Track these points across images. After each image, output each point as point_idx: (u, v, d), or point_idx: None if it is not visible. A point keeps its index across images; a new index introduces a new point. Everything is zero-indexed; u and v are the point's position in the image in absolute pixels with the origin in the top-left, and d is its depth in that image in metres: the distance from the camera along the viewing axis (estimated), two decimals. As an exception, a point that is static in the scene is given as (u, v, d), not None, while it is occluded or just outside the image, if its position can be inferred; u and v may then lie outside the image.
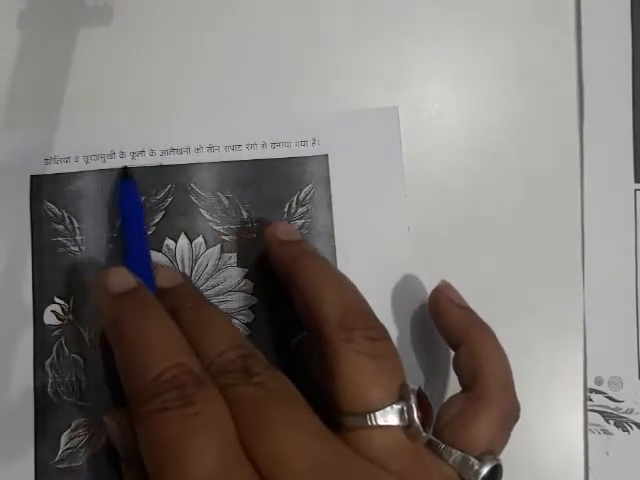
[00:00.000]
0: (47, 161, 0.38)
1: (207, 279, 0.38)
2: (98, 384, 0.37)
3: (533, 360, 0.38)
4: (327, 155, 0.39)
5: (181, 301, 0.33)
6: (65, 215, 0.38)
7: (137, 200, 0.37)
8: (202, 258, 0.38)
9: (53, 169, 0.38)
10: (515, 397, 0.32)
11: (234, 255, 0.38)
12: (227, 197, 0.39)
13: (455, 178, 0.40)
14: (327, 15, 0.40)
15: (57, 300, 0.38)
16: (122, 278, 0.32)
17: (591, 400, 0.38)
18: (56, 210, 0.38)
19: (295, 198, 0.39)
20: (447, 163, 0.40)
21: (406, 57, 0.40)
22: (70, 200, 0.38)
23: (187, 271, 0.38)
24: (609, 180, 0.39)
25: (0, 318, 0.37)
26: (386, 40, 0.40)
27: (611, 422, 0.38)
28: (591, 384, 0.38)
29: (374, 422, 0.28)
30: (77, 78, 0.39)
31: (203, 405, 0.27)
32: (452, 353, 0.37)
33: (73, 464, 0.37)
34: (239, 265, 0.38)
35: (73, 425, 0.37)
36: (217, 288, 0.38)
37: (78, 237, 0.38)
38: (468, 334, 0.34)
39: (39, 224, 0.38)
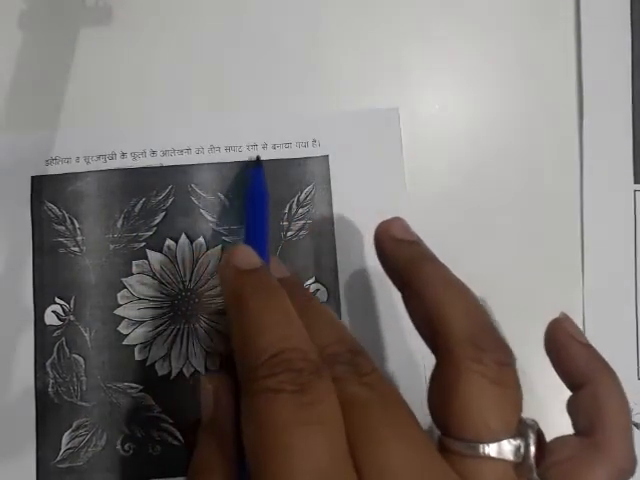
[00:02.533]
0: (48, 162, 0.38)
1: (208, 280, 0.38)
2: (99, 384, 0.37)
3: (533, 360, 0.38)
4: (327, 156, 0.39)
5: (290, 291, 0.31)
6: (66, 216, 0.38)
7: (265, 188, 0.37)
8: (203, 258, 0.38)
9: (54, 170, 0.38)
10: (634, 451, 0.30)
11: (235, 256, 0.38)
12: (228, 198, 0.39)
13: (455, 178, 0.40)
14: (327, 16, 0.40)
15: (58, 300, 0.38)
16: (249, 256, 0.31)
17: None
18: (57, 211, 0.38)
19: (296, 199, 0.39)
20: (447, 164, 0.40)
21: (406, 57, 0.40)
22: (71, 201, 0.38)
23: (188, 272, 0.38)
24: (609, 181, 0.39)
25: (1, 318, 0.38)
26: (386, 40, 0.40)
27: None
28: None
29: (486, 453, 0.27)
30: (77, 78, 0.39)
31: (319, 397, 0.26)
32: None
33: (74, 464, 0.37)
34: (240, 266, 0.38)
35: (74, 425, 0.37)
36: (218, 289, 0.38)
37: (79, 238, 0.38)
38: (592, 377, 0.31)
39: (40, 225, 0.38)
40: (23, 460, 0.37)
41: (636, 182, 0.39)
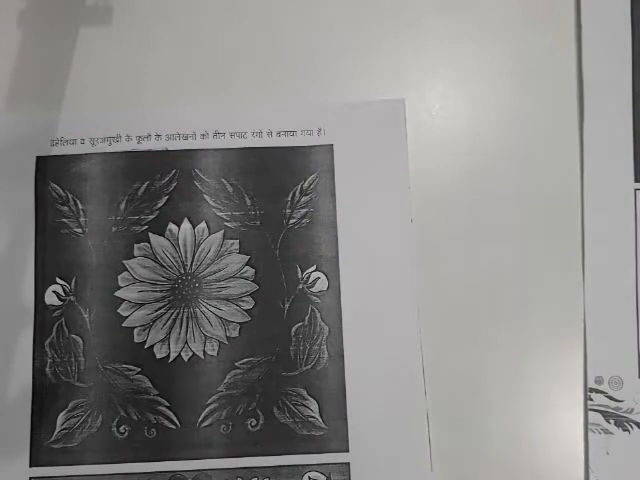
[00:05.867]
0: (53, 142, 0.39)
1: (209, 265, 0.38)
2: (97, 365, 0.37)
3: (533, 360, 0.38)
4: (332, 145, 0.39)
5: None
6: (69, 197, 0.38)
7: None
8: (204, 243, 0.38)
9: (59, 151, 0.39)
10: None
11: (236, 242, 0.38)
12: (231, 184, 0.39)
13: (455, 179, 0.40)
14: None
15: (59, 281, 0.38)
16: None
17: (591, 400, 0.38)
18: (61, 191, 0.38)
19: (299, 187, 0.39)
20: (448, 164, 0.40)
21: (407, 58, 0.40)
22: (75, 182, 0.38)
23: (189, 256, 0.38)
24: (609, 180, 0.39)
25: (1, 297, 0.37)
26: (387, 41, 0.40)
27: (611, 422, 0.38)
28: (591, 384, 0.38)
29: None
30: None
31: None
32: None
33: (68, 444, 0.37)
34: (241, 252, 0.38)
35: (70, 405, 0.37)
36: (218, 274, 0.38)
37: (82, 219, 0.38)
38: None
39: (43, 205, 0.38)
40: (17, 439, 0.37)
41: (637, 181, 0.39)
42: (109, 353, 0.37)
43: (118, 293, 0.38)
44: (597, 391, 0.38)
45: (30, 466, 0.36)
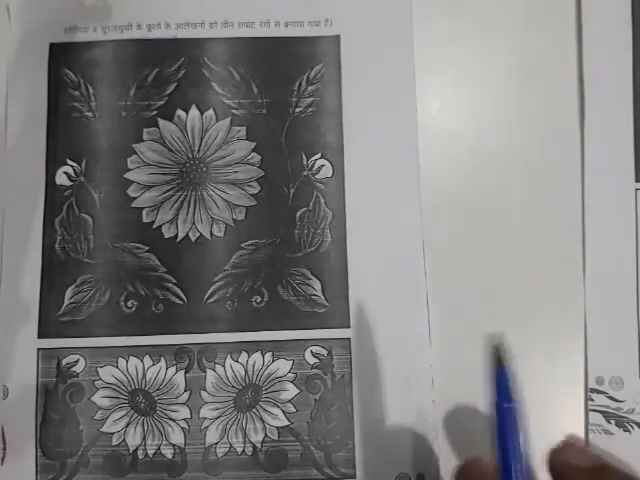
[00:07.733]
0: (67, 30, 0.40)
1: (216, 150, 0.39)
2: (105, 243, 0.38)
3: (534, 360, 0.38)
4: (339, 36, 0.40)
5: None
6: (81, 82, 0.39)
7: (511, 396, 0.30)
8: (212, 130, 0.39)
9: (72, 38, 0.39)
10: None
11: (243, 129, 0.39)
12: (239, 72, 0.39)
13: (455, 179, 0.40)
14: None
15: (69, 162, 0.39)
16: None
17: (592, 400, 0.38)
18: (73, 76, 0.39)
19: (305, 76, 0.39)
20: (447, 164, 0.40)
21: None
22: (87, 68, 0.39)
23: (197, 141, 0.39)
24: (610, 179, 0.39)
25: (14, 176, 0.38)
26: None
27: (612, 422, 0.38)
28: (592, 384, 0.38)
29: None
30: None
31: None
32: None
33: (76, 317, 0.38)
34: (248, 138, 0.39)
35: (78, 281, 0.38)
36: (226, 159, 0.39)
37: (93, 103, 0.39)
38: None
39: (56, 89, 0.39)
40: (26, 312, 0.37)
41: (637, 180, 0.39)
42: (118, 232, 0.38)
43: (127, 175, 0.39)
44: (598, 391, 0.38)
45: (38, 337, 0.37)
